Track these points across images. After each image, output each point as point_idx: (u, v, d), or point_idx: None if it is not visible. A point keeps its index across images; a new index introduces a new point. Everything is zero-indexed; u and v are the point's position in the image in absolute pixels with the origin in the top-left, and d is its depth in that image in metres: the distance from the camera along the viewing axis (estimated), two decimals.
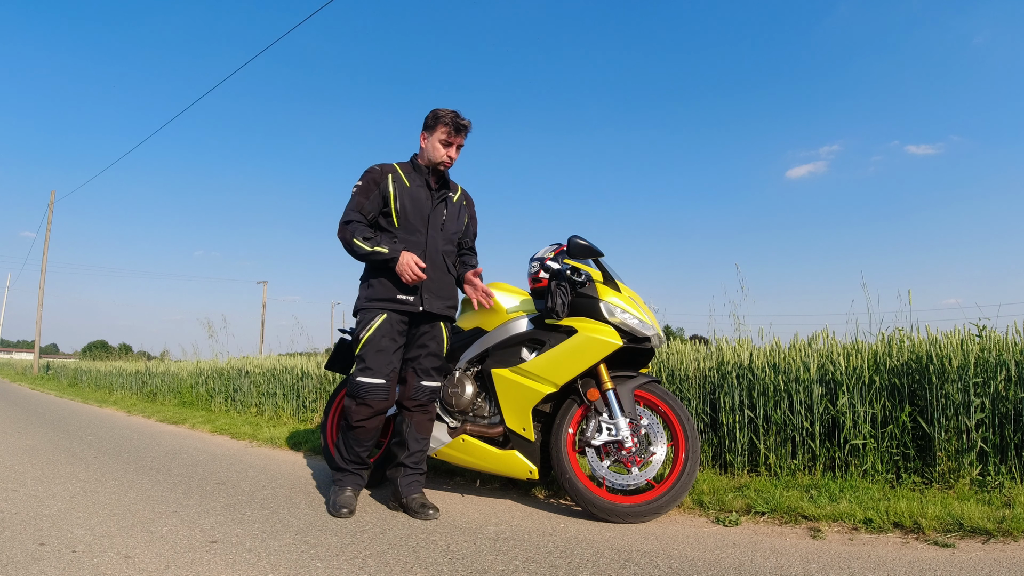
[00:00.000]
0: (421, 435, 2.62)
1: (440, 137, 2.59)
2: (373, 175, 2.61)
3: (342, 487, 2.56)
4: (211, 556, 1.95)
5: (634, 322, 2.57)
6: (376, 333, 2.51)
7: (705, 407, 3.42)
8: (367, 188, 2.58)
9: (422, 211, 2.60)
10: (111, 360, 14.51)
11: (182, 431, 5.62)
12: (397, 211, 2.57)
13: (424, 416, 2.63)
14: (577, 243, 2.57)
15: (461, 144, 2.65)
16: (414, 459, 2.59)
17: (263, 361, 7.72)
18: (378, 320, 2.52)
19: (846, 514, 2.30)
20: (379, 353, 2.50)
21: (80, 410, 7.99)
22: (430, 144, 2.63)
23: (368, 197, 2.56)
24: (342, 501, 2.49)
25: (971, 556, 1.94)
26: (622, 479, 2.49)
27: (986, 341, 2.90)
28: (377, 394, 2.49)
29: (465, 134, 2.64)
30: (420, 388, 2.59)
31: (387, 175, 2.60)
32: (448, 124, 2.58)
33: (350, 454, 2.58)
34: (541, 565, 1.90)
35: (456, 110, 2.62)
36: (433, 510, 2.47)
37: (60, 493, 2.82)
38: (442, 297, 2.62)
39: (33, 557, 1.92)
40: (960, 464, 2.70)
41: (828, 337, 3.32)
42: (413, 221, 2.58)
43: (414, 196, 2.59)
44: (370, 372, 2.49)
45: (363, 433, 2.54)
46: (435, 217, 2.62)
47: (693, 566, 1.89)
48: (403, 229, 2.57)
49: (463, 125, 2.60)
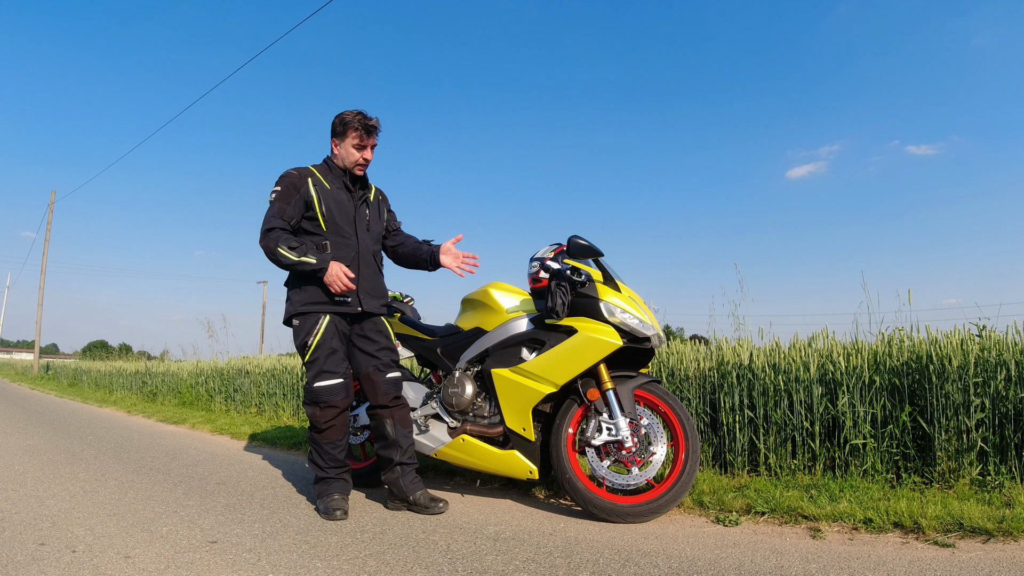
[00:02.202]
0: (407, 429, 2.65)
1: (352, 142, 2.59)
2: (291, 179, 2.56)
3: (328, 494, 2.53)
4: (211, 556, 1.95)
5: (634, 322, 2.57)
6: (325, 335, 2.51)
7: (705, 407, 3.41)
8: (287, 193, 2.53)
9: (347, 213, 2.59)
10: (111, 360, 14.52)
11: (182, 431, 5.62)
12: (323, 215, 2.54)
13: (403, 410, 2.66)
14: (577, 243, 2.57)
15: (374, 144, 2.64)
16: (409, 455, 2.61)
17: (263, 361, 7.72)
18: (323, 323, 2.51)
19: (846, 514, 2.30)
20: (332, 354, 2.51)
21: (80, 410, 8.00)
22: (343, 150, 2.61)
23: (289, 202, 2.52)
24: (333, 504, 2.46)
25: (971, 556, 1.94)
26: (622, 479, 2.49)
27: (986, 341, 2.90)
28: (338, 393, 2.51)
29: (376, 133, 2.63)
30: (388, 381, 2.61)
31: (306, 179, 2.57)
32: (358, 128, 2.57)
33: (327, 460, 2.55)
34: (541, 565, 1.90)
35: (362, 110, 2.60)
36: (443, 503, 2.51)
37: (60, 493, 2.82)
38: (376, 296, 2.65)
39: (33, 557, 1.92)
40: (960, 464, 2.70)
41: (828, 337, 3.32)
42: (341, 224, 2.57)
43: (337, 199, 2.59)
44: (327, 375, 2.50)
45: (333, 433, 2.54)
46: (360, 218, 2.63)
47: (693, 566, 1.89)
48: (332, 232, 2.55)
49: (372, 126, 2.60)
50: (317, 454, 2.57)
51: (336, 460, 2.56)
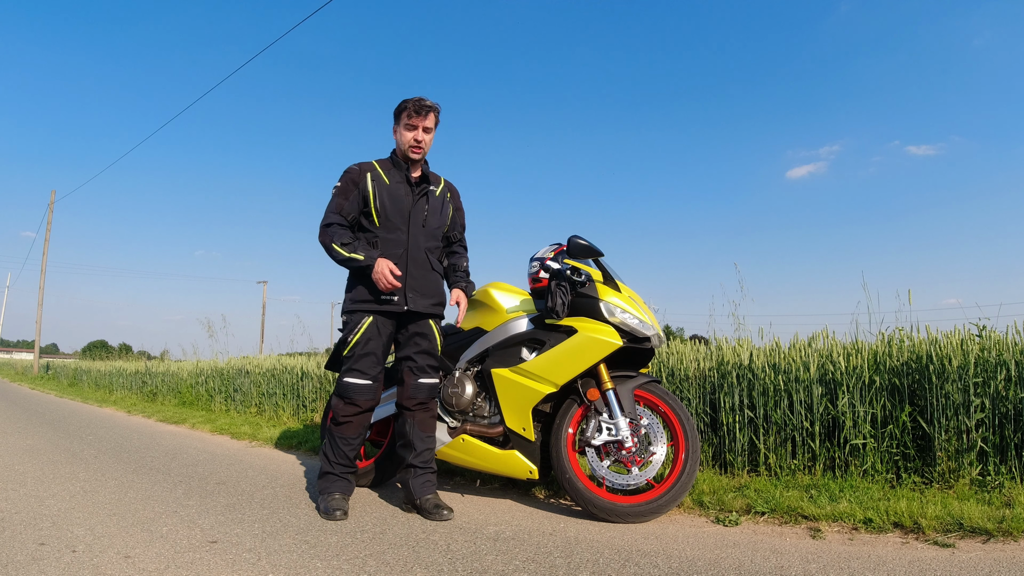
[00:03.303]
0: (426, 433, 2.61)
1: (404, 122, 2.55)
2: (351, 175, 2.57)
3: (329, 493, 2.51)
4: (211, 556, 1.95)
5: (634, 322, 2.57)
6: (363, 336, 2.50)
7: (705, 407, 3.42)
8: (346, 188, 2.54)
9: (402, 208, 2.55)
10: (111, 360, 14.50)
11: (182, 431, 5.62)
12: (377, 210, 2.53)
13: (426, 414, 2.62)
14: (577, 243, 2.57)
15: (429, 127, 2.57)
16: (422, 459, 2.57)
17: (263, 361, 7.72)
18: (365, 323, 2.51)
19: (846, 514, 2.30)
20: (366, 356, 2.51)
21: (80, 410, 8.00)
22: (398, 135, 2.60)
23: (347, 198, 2.53)
24: (334, 504, 2.44)
25: (971, 556, 1.94)
26: (622, 479, 2.49)
27: (986, 341, 2.90)
28: (364, 394, 2.51)
29: (430, 114, 2.56)
30: (419, 386, 2.58)
31: (365, 173, 2.56)
32: (409, 107, 2.53)
33: (337, 455, 2.55)
34: (541, 565, 1.90)
35: (422, 96, 2.56)
36: (447, 511, 2.45)
37: (60, 493, 2.82)
38: (427, 295, 2.58)
39: (33, 557, 1.92)
40: (960, 464, 2.70)
41: (828, 337, 3.33)
42: (393, 219, 2.54)
43: (393, 193, 2.55)
44: (358, 373, 2.50)
45: (349, 429, 2.54)
46: (416, 213, 2.57)
47: (693, 566, 1.89)
48: (383, 228, 2.53)
49: (426, 106, 2.54)
50: (329, 447, 2.57)
51: (346, 457, 2.55)
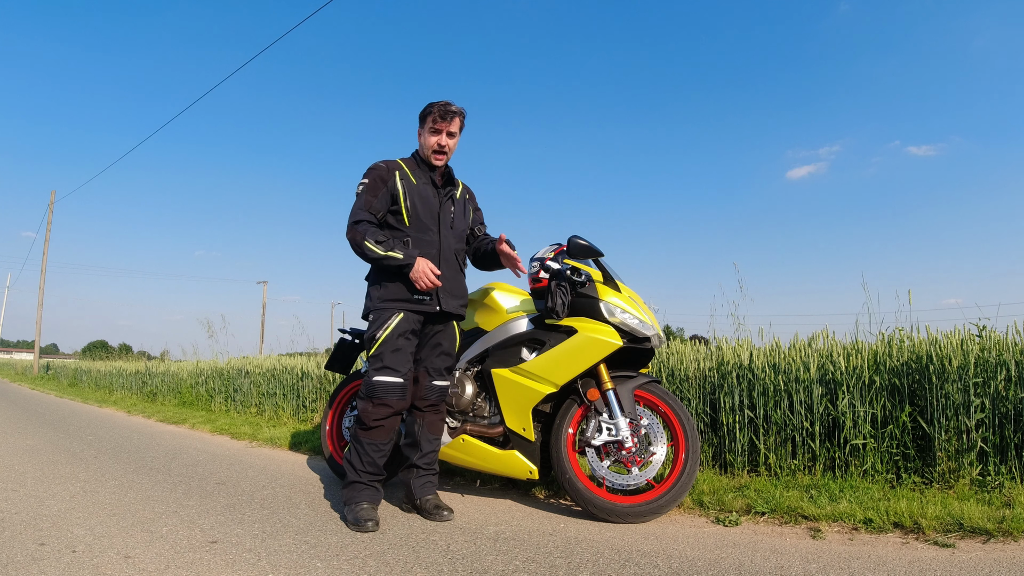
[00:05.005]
0: (433, 435, 2.59)
1: (429, 126, 2.55)
2: (379, 172, 2.53)
3: (357, 501, 2.38)
4: (211, 556, 1.95)
5: (634, 322, 2.57)
6: (393, 332, 2.44)
7: (705, 407, 3.41)
8: (375, 186, 2.50)
9: (432, 210, 2.54)
10: (111, 360, 14.49)
11: (182, 431, 5.62)
12: (408, 210, 2.50)
13: (436, 416, 2.60)
14: (577, 243, 2.57)
15: (453, 131, 2.56)
16: (427, 460, 2.56)
17: (263, 361, 7.72)
18: (395, 319, 2.45)
19: (846, 514, 2.30)
20: (397, 352, 2.44)
21: (80, 410, 7.99)
22: (423, 137, 2.59)
23: (376, 195, 2.49)
24: (364, 514, 2.31)
25: (971, 556, 1.94)
26: (622, 479, 2.49)
27: (986, 341, 2.90)
28: (395, 393, 2.42)
29: (455, 119, 2.55)
30: (432, 388, 2.57)
31: (394, 172, 2.54)
32: (434, 111, 2.52)
33: (365, 462, 2.42)
34: (541, 565, 1.90)
35: (448, 100, 2.55)
36: (448, 511, 2.44)
37: (60, 493, 2.82)
38: (456, 296, 2.58)
39: (33, 557, 1.92)
40: (960, 464, 2.70)
41: (828, 337, 3.33)
42: (425, 220, 2.52)
43: (423, 194, 2.54)
44: (388, 371, 2.42)
45: (381, 434, 2.43)
46: (444, 215, 2.58)
47: (693, 566, 1.89)
48: (415, 228, 2.51)
49: (451, 111, 2.53)
50: (356, 454, 2.44)
51: (374, 465, 2.43)
